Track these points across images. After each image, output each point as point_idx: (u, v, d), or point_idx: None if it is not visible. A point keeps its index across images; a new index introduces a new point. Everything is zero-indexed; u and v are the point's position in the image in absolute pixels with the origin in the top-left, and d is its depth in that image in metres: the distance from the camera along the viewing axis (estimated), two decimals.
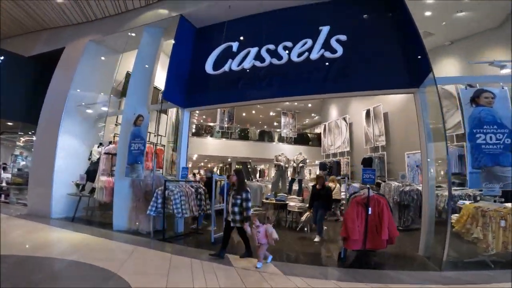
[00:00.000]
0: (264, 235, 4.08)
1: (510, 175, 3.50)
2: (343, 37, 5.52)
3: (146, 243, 5.25)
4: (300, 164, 8.67)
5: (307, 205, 6.91)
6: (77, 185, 7.40)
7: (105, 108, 8.12)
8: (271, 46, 6.03)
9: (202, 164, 22.03)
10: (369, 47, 5.58)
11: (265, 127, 18.87)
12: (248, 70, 6.20)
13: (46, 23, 9.65)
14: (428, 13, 6.10)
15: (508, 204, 3.95)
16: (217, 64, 6.47)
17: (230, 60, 6.28)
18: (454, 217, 5.07)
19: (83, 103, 8.01)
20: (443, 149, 4.38)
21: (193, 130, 15.23)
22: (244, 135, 16.52)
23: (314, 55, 5.61)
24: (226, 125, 16.15)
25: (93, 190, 7.38)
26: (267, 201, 7.59)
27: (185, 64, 7.12)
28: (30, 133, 11.25)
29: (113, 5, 8.14)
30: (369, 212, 4.05)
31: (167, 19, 7.28)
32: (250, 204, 4.24)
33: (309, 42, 5.72)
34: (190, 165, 15.72)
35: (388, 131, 9.90)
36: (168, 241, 5.50)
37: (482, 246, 3.82)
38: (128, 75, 9.46)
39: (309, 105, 15.27)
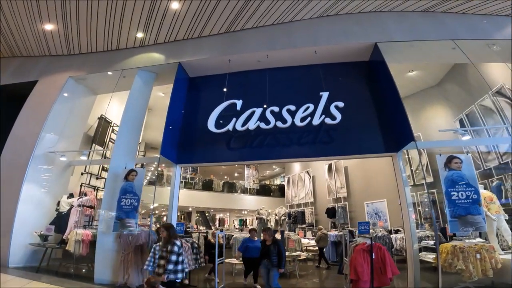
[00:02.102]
0: None
1: (480, 221, 4.54)
2: (341, 104, 5.95)
3: None
4: (282, 217, 9.06)
5: (294, 253, 7.18)
6: (41, 236, 6.50)
7: (84, 158, 7.52)
8: (276, 108, 6.23)
9: (157, 212, 20.44)
10: (359, 114, 6.22)
11: (226, 177, 19.06)
12: (252, 131, 6.26)
13: (17, 50, 8.66)
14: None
15: (479, 240, 4.98)
16: (220, 120, 6.39)
17: (234, 119, 6.25)
18: (423, 254, 6.05)
19: (55, 150, 7.28)
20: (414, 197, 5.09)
21: (154, 179, 14.56)
22: (207, 186, 16.39)
23: (316, 121, 5.97)
24: (189, 176, 15.91)
25: (63, 242, 6.54)
26: None
27: (178, 116, 7.06)
28: None
29: (105, 41, 7.83)
30: (373, 257, 4.63)
31: (163, 65, 7.34)
32: (173, 258, 4.04)
33: (311, 107, 6.08)
34: (142, 212, 14.61)
35: (349, 183, 11.05)
36: None
37: (466, 275, 4.56)
38: (101, 120, 9.12)
39: None
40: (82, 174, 8.43)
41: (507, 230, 5.25)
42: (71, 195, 7.33)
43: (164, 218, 16.96)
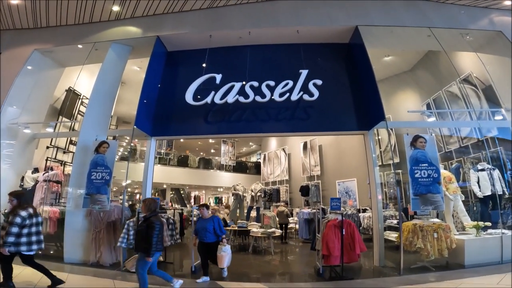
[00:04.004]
0: None
1: (439, 200, 4.95)
2: (319, 82, 6.17)
3: (119, 276, 4.78)
4: (258, 193, 9.26)
5: (269, 230, 7.47)
6: (5, 214, 6.07)
7: (50, 130, 7.02)
8: (255, 83, 6.31)
9: (129, 189, 20.03)
10: (336, 93, 6.47)
11: (202, 153, 18.93)
12: (230, 105, 6.32)
13: None
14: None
15: (436, 220, 5.40)
16: (198, 95, 6.40)
17: (213, 92, 6.29)
18: (387, 233, 6.53)
19: (18, 122, 6.74)
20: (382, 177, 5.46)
21: (126, 154, 14.10)
22: (183, 162, 16.19)
23: (294, 97, 6.13)
24: (164, 151, 15.57)
25: None
26: (229, 228, 7.77)
27: (154, 89, 6.91)
28: None
29: (76, 15, 7.31)
30: (343, 232, 4.92)
31: (139, 38, 7.08)
32: (13, 229, 3.71)
33: (290, 83, 6.22)
34: (114, 189, 14.24)
35: (322, 162, 11.48)
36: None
37: (424, 253, 4.87)
38: (69, 92, 8.57)
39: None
40: (47, 147, 7.95)
41: (463, 211, 5.78)
42: (36, 170, 6.92)
43: (138, 196, 16.78)
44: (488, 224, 5.36)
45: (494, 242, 5.15)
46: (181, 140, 16.87)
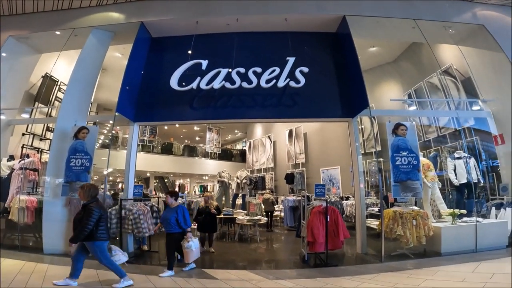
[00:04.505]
0: None
1: (418, 187, 5.16)
2: (305, 69, 6.21)
3: (102, 266, 4.67)
4: (244, 180, 9.29)
5: (255, 217, 7.56)
6: None
7: (25, 116, 6.65)
8: (242, 69, 6.30)
9: (111, 178, 19.58)
10: (322, 80, 6.54)
11: (187, 141, 18.68)
12: (216, 90, 6.29)
13: None
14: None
15: (415, 207, 5.60)
16: (183, 81, 6.29)
17: (198, 78, 6.22)
18: (369, 221, 6.74)
19: None
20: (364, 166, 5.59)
21: (107, 142, 13.67)
22: (167, 150, 15.93)
23: (281, 83, 6.17)
24: (147, 138, 15.23)
25: (5, 211, 5.98)
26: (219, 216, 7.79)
27: (137, 75, 6.75)
28: None
29: (55, 2, 7.00)
30: (328, 219, 5.04)
31: (122, 24, 6.84)
32: None
33: (277, 70, 6.24)
34: (95, 178, 13.91)
35: (307, 150, 11.62)
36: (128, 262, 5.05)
37: (404, 241, 5.01)
38: (46, 79, 8.17)
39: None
40: (23, 134, 7.58)
41: (440, 198, 6.03)
42: (11, 158, 6.61)
43: (120, 185, 16.44)
44: (464, 212, 5.56)
45: (469, 230, 5.32)
46: (165, 127, 16.54)
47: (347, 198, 8.56)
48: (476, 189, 6.32)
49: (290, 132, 12.32)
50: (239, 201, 9.56)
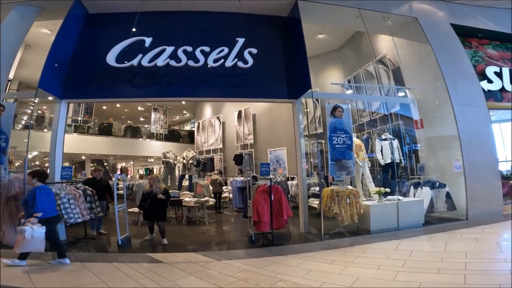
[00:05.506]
0: None
1: (351, 166, 5.68)
2: (254, 50, 6.26)
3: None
4: (190, 161, 9.07)
5: (202, 199, 7.52)
6: None
7: None
8: (189, 48, 6.13)
9: (37, 162, 17.33)
10: (270, 62, 6.63)
11: (129, 121, 17.36)
12: (161, 68, 6.03)
13: None
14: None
15: (349, 186, 6.12)
16: (122, 57, 5.94)
17: (140, 55, 5.94)
18: (311, 200, 7.14)
19: None
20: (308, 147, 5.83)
21: (32, 122, 11.91)
22: (106, 130, 14.61)
23: (229, 63, 6.15)
24: (81, 118, 13.71)
25: None
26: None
27: (68, 51, 6.18)
28: None
29: None
30: (272, 198, 5.28)
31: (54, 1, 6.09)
32: None
33: (226, 50, 6.21)
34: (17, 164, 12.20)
35: (256, 131, 11.83)
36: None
37: (339, 219, 5.34)
38: None
39: (183, 102, 15.49)
40: None
41: (369, 177, 6.70)
42: None
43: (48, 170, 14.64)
44: (388, 190, 6.20)
45: (392, 208, 5.79)
46: (104, 107, 15.09)
47: (292, 179, 8.96)
48: (398, 169, 7.19)
49: (240, 113, 12.32)
50: (185, 182, 9.38)
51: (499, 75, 7.69)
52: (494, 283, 2.93)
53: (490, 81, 7.57)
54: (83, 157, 16.20)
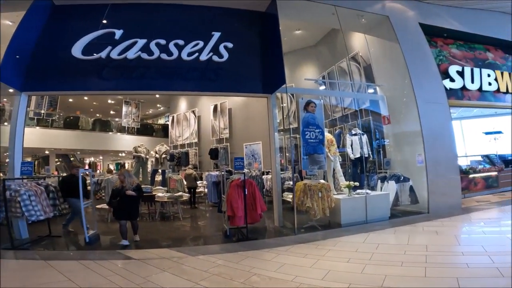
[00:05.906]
0: None
1: (323, 160, 5.84)
2: (230, 45, 6.22)
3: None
4: (163, 155, 8.83)
5: (176, 194, 7.38)
6: None
7: None
8: (162, 41, 5.97)
9: None
10: (245, 57, 6.58)
11: (98, 115, 16.51)
12: (132, 61, 5.85)
13: None
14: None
15: (322, 180, 6.21)
16: (89, 49, 5.72)
17: (109, 47, 5.73)
18: (285, 194, 7.19)
19: None
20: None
21: None
22: (72, 124, 13.81)
23: (203, 57, 6.06)
24: (45, 111, 12.82)
25: None
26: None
27: (30, 43, 5.93)
28: None
29: None
30: (246, 193, 5.31)
31: None
32: None
33: (201, 43, 6.11)
34: None
35: (231, 125, 11.75)
36: (24, 248, 4.66)
37: (312, 213, 5.45)
38: None
39: (157, 96, 14.97)
40: None
41: (340, 171, 6.91)
42: None
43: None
44: (357, 184, 6.40)
45: (361, 202, 5.96)
46: (70, 99, 14.21)
47: (267, 173, 9.01)
48: (367, 163, 7.50)
49: (215, 107, 12.16)
50: (158, 177, 9.15)
51: (461, 74, 8.16)
52: (452, 275, 3.10)
53: (452, 80, 8.02)
54: (46, 152, 15.20)
